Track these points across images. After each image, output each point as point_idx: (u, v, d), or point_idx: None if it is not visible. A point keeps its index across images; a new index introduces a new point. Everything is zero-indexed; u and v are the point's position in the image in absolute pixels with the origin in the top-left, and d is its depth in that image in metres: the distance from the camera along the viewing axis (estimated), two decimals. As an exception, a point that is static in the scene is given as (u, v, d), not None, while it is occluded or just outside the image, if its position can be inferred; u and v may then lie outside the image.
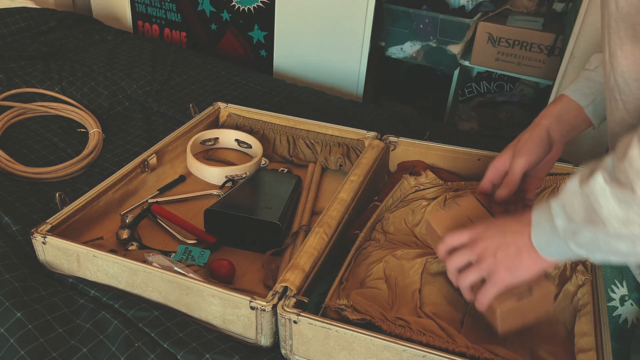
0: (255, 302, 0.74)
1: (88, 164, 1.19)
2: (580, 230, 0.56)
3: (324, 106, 1.51)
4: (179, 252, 0.90)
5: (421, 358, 0.66)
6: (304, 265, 0.79)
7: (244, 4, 1.92)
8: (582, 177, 0.56)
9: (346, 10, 1.75)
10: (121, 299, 0.82)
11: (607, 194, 0.52)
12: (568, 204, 0.57)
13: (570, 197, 0.57)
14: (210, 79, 1.63)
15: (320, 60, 1.88)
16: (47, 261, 0.88)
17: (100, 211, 0.98)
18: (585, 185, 0.55)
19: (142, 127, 1.35)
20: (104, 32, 1.84)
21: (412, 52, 1.88)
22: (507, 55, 1.77)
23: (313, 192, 1.11)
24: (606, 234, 0.54)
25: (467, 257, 0.68)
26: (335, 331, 0.70)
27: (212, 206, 0.97)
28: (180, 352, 0.74)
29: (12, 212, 1.00)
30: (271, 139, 1.25)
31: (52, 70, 1.50)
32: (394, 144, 1.14)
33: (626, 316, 0.76)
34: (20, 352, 0.75)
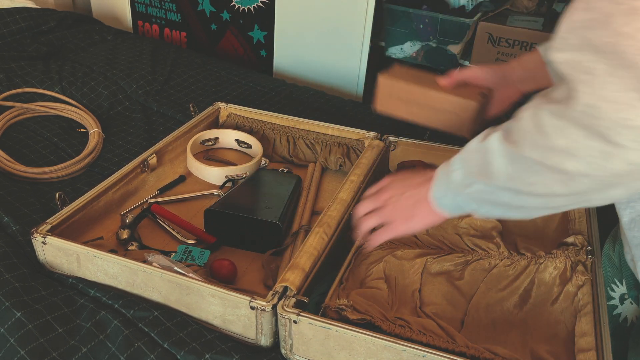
0: (255, 302, 0.74)
1: (88, 164, 1.19)
2: (472, 183, 0.60)
3: (324, 106, 1.51)
4: (179, 252, 0.90)
5: (421, 358, 0.66)
6: (304, 265, 0.79)
7: (244, 4, 1.92)
8: (483, 135, 0.61)
9: (346, 10, 1.75)
10: (121, 299, 0.82)
11: (497, 151, 0.56)
12: (467, 159, 0.62)
13: (470, 153, 0.62)
14: (210, 79, 1.63)
15: (320, 60, 1.88)
16: (47, 261, 0.88)
17: (100, 211, 0.98)
18: (484, 141, 0.59)
19: (142, 127, 1.35)
20: (104, 32, 1.84)
21: (412, 52, 1.88)
22: (507, 55, 1.77)
23: (313, 192, 1.11)
24: (494, 187, 0.58)
25: (372, 205, 0.73)
26: (335, 331, 0.70)
27: (212, 206, 0.97)
28: (180, 352, 0.74)
29: (12, 212, 1.00)
30: (271, 139, 1.25)
31: (52, 70, 1.49)
32: (394, 144, 1.14)
33: (626, 315, 0.77)
34: (20, 352, 0.75)
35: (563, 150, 0.49)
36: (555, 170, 0.50)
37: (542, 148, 0.51)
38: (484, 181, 0.59)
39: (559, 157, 0.49)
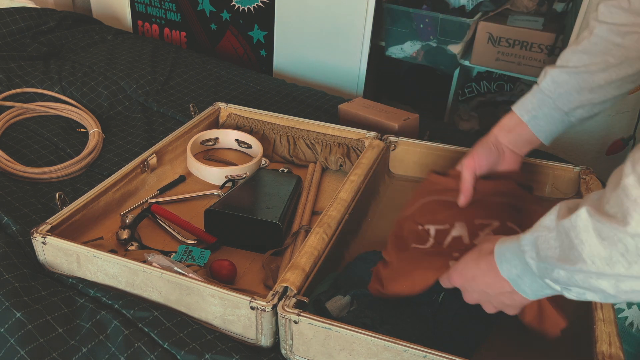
0: (256, 302, 0.74)
1: (88, 164, 1.19)
2: (554, 268, 0.53)
3: (324, 106, 1.51)
4: (179, 252, 0.90)
5: (422, 358, 0.66)
6: (304, 265, 0.79)
7: (244, 4, 1.92)
8: (560, 212, 0.53)
9: (346, 10, 1.75)
10: (121, 299, 0.82)
11: (589, 230, 0.48)
12: (542, 240, 0.54)
13: (544, 232, 0.54)
14: (210, 79, 1.63)
15: (320, 60, 1.88)
16: (47, 261, 0.88)
17: (100, 211, 0.98)
18: (565, 219, 0.51)
19: (142, 127, 1.35)
20: (104, 32, 1.84)
21: (412, 52, 1.88)
22: (507, 55, 1.77)
23: (313, 192, 1.11)
24: (585, 273, 0.50)
25: (471, 302, 0.69)
26: (336, 331, 0.70)
27: (212, 206, 0.97)
28: (180, 352, 0.74)
29: (12, 212, 1.00)
30: (271, 139, 1.25)
31: (52, 70, 1.49)
32: (394, 144, 1.14)
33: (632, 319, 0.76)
34: (20, 352, 0.75)
35: None
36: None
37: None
38: (570, 267, 0.51)
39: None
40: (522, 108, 0.81)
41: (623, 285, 0.48)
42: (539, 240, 0.55)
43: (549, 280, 0.55)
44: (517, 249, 0.58)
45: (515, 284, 0.60)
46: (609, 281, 0.48)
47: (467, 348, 0.76)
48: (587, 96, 0.75)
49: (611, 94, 0.75)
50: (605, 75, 0.73)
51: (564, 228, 0.51)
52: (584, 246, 0.49)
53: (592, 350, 0.69)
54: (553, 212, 0.54)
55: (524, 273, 0.58)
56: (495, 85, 2.15)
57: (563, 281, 0.53)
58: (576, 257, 0.50)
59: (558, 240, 0.52)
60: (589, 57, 0.74)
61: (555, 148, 1.64)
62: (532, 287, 0.58)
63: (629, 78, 0.73)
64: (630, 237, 0.45)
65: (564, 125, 0.80)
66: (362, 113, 1.27)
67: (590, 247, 0.48)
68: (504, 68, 1.81)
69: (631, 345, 0.76)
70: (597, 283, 0.49)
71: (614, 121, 1.60)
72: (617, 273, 0.47)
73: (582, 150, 1.65)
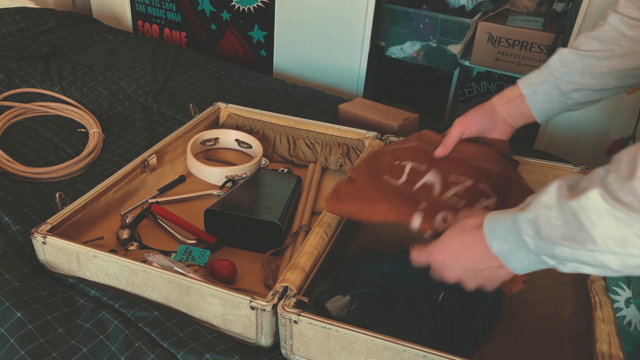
0: (256, 302, 0.74)
1: (88, 164, 1.19)
2: (556, 246, 0.53)
3: (324, 106, 1.51)
4: (180, 252, 0.90)
5: (421, 358, 0.66)
6: (304, 265, 0.79)
7: (244, 4, 1.92)
8: (561, 191, 0.53)
9: (346, 10, 1.75)
10: (121, 299, 0.82)
11: (602, 212, 0.49)
12: (542, 219, 0.54)
13: (544, 211, 0.54)
14: (210, 79, 1.63)
15: (320, 60, 1.88)
16: (47, 261, 0.88)
17: (100, 211, 0.98)
18: (572, 200, 0.51)
19: (142, 127, 1.35)
20: (104, 32, 1.84)
21: (412, 52, 1.88)
22: (507, 55, 1.77)
23: (313, 192, 1.11)
24: (593, 252, 0.51)
25: (448, 282, 0.68)
26: (336, 331, 0.70)
27: (213, 206, 0.97)
28: (180, 352, 0.74)
29: (12, 212, 1.00)
30: (271, 139, 1.25)
31: (52, 70, 1.49)
32: (394, 144, 1.14)
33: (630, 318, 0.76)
34: (20, 352, 0.75)
35: None
36: None
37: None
38: (577, 246, 0.51)
39: None
40: (525, 81, 0.83)
41: (631, 260, 0.49)
42: (539, 219, 0.55)
43: (545, 257, 0.56)
44: (510, 225, 0.58)
45: (506, 259, 0.60)
46: (617, 258, 0.49)
47: (467, 348, 0.76)
48: (589, 81, 0.78)
49: (611, 84, 0.77)
50: (609, 63, 0.76)
51: (571, 209, 0.51)
52: (595, 227, 0.49)
53: (592, 350, 0.69)
54: (552, 190, 0.54)
55: (517, 249, 0.58)
56: (495, 85, 2.15)
57: (564, 257, 0.53)
58: (585, 237, 0.50)
59: (562, 219, 0.52)
60: (599, 44, 0.77)
61: (555, 148, 1.64)
62: (523, 263, 0.59)
63: (631, 72, 0.76)
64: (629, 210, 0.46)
65: (560, 106, 0.82)
66: (362, 113, 1.27)
67: (602, 228, 0.49)
68: (504, 68, 1.81)
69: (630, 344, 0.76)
70: (604, 258, 0.50)
71: (614, 121, 1.60)
72: (629, 253, 0.48)
73: (582, 150, 1.65)
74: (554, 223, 0.53)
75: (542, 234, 0.54)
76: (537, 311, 0.84)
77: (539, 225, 0.55)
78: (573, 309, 0.83)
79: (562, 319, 0.82)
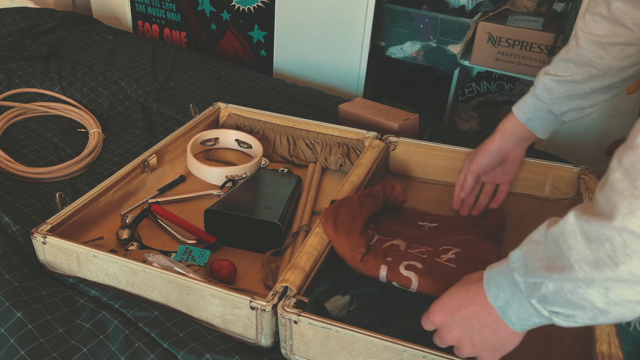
0: (256, 302, 0.74)
1: (88, 164, 1.19)
2: (542, 281, 0.51)
3: (324, 106, 1.51)
4: (180, 252, 0.90)
5: (421, 358, 0.66)
6: (304, 265, 0.79)
7: (244, 4, 1.92)
8: (549, 222, 0.52)
9: (346, 10, 1.75)
10: (121, 299, 0.82)
11: (576, 233, 0.47)
12: (530, 253, 0.53)
13: (533, 245, 0.53)
14: (210, 79, 1.63)
15: (320, 60, 1.88)
16: (47, 261, 0.88)
17: (100, 211, 0.98)
18: (553, 227, 0.50)
19: (142, 127, 1.35)
20: (104, 32, 1.84)
21: (412, 52, 1.88)
22: (507, 55, 1.77)
23: (313, 192, 1.11)
24: (574, 281, 0.48)
25: (444, 345, 0.65)
26: (336, 331, 0.70)
27: (213, 206, 0.97)
28: (180, 352, 0.74)
29: (12, 212, 1.00)
30: (271, 139, 1.25)
31: (52, 70, 1.49)
32: (394, 144, 1.14)
33: None
34: (20, 352, 0.75)
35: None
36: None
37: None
38: (558, 276, 0.49)
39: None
40: (520, 110, 0.89)
41: (612, 294, 0.46)
42: (527, 254, 0.53)
43: (536, 302, 0.53)
44: (505, 268, 0.56)
45: (502, 311, 0.57)
46: (597, 290, 0.47)
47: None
48: (577, 102, 0.82)
49: (599, 99, 0.82)
50: (590, 84, 0.79)
51: (553, 236, 0.50)
52: (572, 251, 0.47)
53: (592, 350, 0.69)
54: (542, 226, 0.53)
55: (512, 297, 0.55)
56: (495, 85, 2.15)
57: (551, 297, 0.50)
58: (564, 264, 0.48)
59: (546, 251, 0.50)
60: (576, 67, 0.80)
61: (555, 148, 1.64)
62: (519, 315, 0.55)
63: (613, 85, 0.79)
64: (617, 232, 0.44)
65: (558, 123, 0.87)
66: (362, 113, 1.27)
67: (577, 251, 0.47)
68: (504, 68, 1.81)
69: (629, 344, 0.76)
70: (586, 294, 0.47)
71: (614, 121, 1.60)
72: (605, 277, 0.45)
73: (582, 150, 1.65)
74: (540, 255, 0.51)
75: (529, 267, 0.52)
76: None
77: (527, 260, 0.53)
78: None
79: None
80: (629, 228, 0.43)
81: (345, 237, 0.83)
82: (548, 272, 0.49)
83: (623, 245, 0.43)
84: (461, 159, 1.10)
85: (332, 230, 0.84)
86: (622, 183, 0.43)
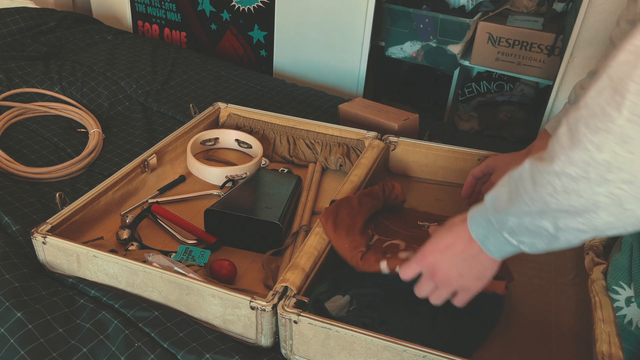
0: (256, 302, 0.74)
1: (88, 164, 1.19)
2: (507, 217, 0.59)
3: (324, 106, 1.51)
4: (180, 252, 0.90)
5: (421, 358, 0.66)
6: (304, 265, 0.79)
7: (244, 4, 1.92)
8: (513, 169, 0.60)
9: (346, 11, 1.75)
10: (121, 299, 0.82)
11: (528, 177, 0.55)
12: (497, 194, 0.61)
13: (500, 188, 0.61)
14: (210, 79, 1.63)
15: (320, 60, 1.88)
16: (47, 261, 0.88)
17: (100, 211, 0.98)
18: (514, 171, 0.59)
19: (142, 127, 1.35)
20: (104, 32, 1.84)
21: (412, 52, 1.88)
22: (507, 55, 1.77)
23: (313, 192, 1.11)
24: (530, 215, 0.56)
25: (431, 286, 0.70)
26: (336, 331, 0.70)
27: (213, 206, 0.97)
28: (180, 352, 0.74)
29: (12, 212, 1.00)
30: (271, 139, 1.25)
31: (52, 70, 1.49)
32: (394, 144, 1.14)
33: (631, 317, 0.77)
34: (20, 352, 0.75)
35: (604, 164, 0.48)
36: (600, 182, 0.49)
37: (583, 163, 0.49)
38: (517, 211, 0.57)
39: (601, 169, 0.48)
40: (550, 125, 0.94)
41: (560, 222, 0.54)
42: (495, 195, 0.61)
43: (506, 234, 0.60)
44: (482, 208, 0.64)
45: (482, 243, 0.64)
46: (548, 219, 0.55)
47: (467, 348, 0.76)
48: None
49: None
50: None
51: (513, 179, 0.58)
52: (525, 191, 0.56)
53: (592, 350, 0.69)
54: (508, 172, 0.61)
55: (488, 231, 0.63)
56: (495, 85, 2.15)
57: (517, 228, 0.59)
58: (521, 201, 0.56)
59: (509, 192, 0.59)
60: None
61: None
62: (495, 245, 0.63)
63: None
64: (555, 175, 0.52)
65: None
66: (362, 113, 1.27)
67: (527, 191, 0.55)
68: (504, 68, 1.81)
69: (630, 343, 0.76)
70: (540, 223, 0.55)
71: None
72: (552, 209, 0.53)
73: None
74: (505, 196, 0.59)
75: (497, 207, 0.60)
76: (537, 311, 0.84)
77: (495, 200, 0.61)
78: (573, 309, 0.83)
79: (562, 319, 0.82)
80: (566, 172, 0.51)
81: (345, 236, 0.83)
82: (511, 208, 0.58)
83: (562, 186, 0.52)
84: (461, 159, 1.10)
85: (332, 230, 0.84)
86: (564, 136, 0.51)
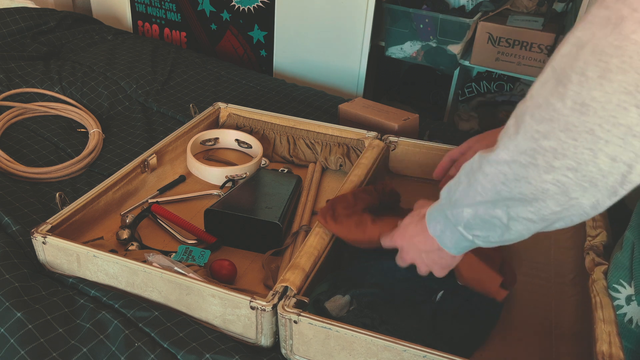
0: (256, 302, 0.74)
1: (88, 164, 1.19)
2: (462, 209, 0.59)
3: (324, 106, 1.51)
4: (180, 252, 0.90)
5: (421, 358, 0.66)
6: (304, 265, 0.79)
7: (244, 4, 1.92)
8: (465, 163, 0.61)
9: (346, 10, 1.75)
10: (121, 299, 0.82)
11: (477, 168, 0.56)
12: (452, 188, 0.62)
13: (453, 182, 0.62)
14: (210, 79, 1.63)
15: (320, 60, 1.88)
16: (47, 261, 0.88)
17: (100, 211, 0.98)
18: (466, 164, 0.59)
19: (142, 127, 1.35)
20: (104, 32, 1.84)
21: (412, 52, 1.88)
22: (507, 55, 1.77)
23: (313, 192, 1.11)
24: (484, 205, 0.56)
25: (405, 263, 0.75)
26: (336, 331, 0.70)
27: (213, 206, 0.97)
28: (180, 352, 0.74)
29: (12, 212, 1.00)
30: (271, 139, 1.25)
31: (52, 70, 1.49)
32: (394, 144, 1.14)
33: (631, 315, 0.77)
34: (20, 352, 0.75)
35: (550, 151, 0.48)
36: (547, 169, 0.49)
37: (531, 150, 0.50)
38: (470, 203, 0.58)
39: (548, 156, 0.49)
40: None
41: (511, 211, 0.54)
42: (449, 189, 0.62)
43: (461, 228, 0.61)
44: (438, 204, 0.65)
45: (440, 240, 0.65)
46: (501, 208, 0.55)
47: (466, 348, 0.76)
48: None
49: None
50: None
51: (465, 172, 0.59)
52: (476, 182, 0.56)
53: (592, 350, 0.69)
54: None
55: (445, 226, 0.64)
56: (495, 85, 2.15)
57: (473, 221, 0.59)
58: (474, 192, 0.57)
59: (462, 184, 0.59)
60: None
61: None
62: (452, 240, 0.64)
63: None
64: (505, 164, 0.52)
65: None
66: (362, 113, 1.27)
67: (479, 181, 0.56)
68: (504, 68, 1.81)
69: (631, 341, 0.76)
70: (494, 212, 0.56)
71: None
72: (502, 197, 0.54)
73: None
74: (458, 188, 0.60)
75: (452, 200, 0.61)
76: (537, 311, 0.84)
77: (449, 194, 0.62)
78: (573, 309, 0.83)
79: (562, 319, 0.82)
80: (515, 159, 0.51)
81: (347, 220, 0.85)
82: (466, 199, 0.59)
83: (512, 173, 0.52)
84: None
85: (333, 222, 0.85)
86: (512, 127, 0.52)
